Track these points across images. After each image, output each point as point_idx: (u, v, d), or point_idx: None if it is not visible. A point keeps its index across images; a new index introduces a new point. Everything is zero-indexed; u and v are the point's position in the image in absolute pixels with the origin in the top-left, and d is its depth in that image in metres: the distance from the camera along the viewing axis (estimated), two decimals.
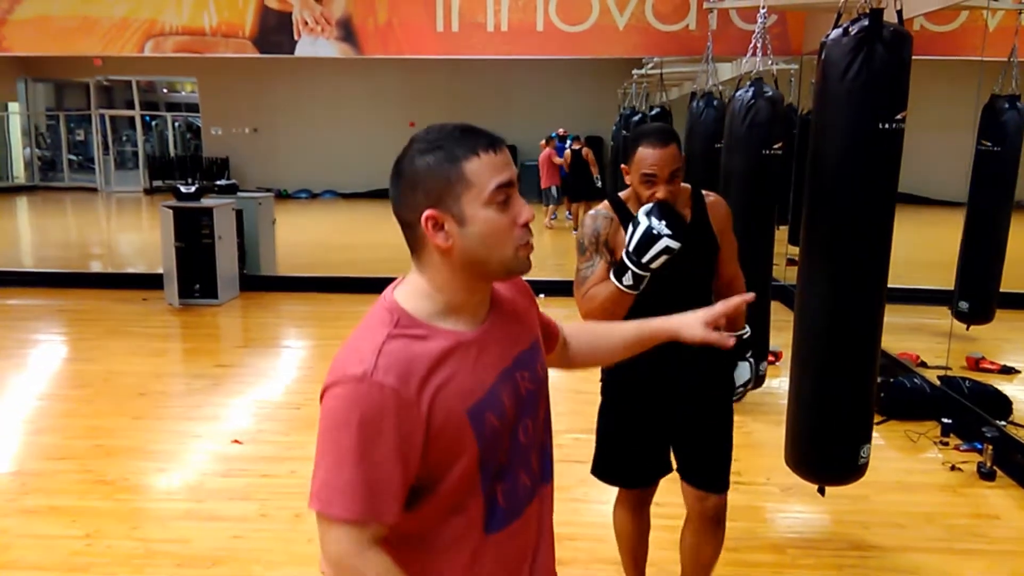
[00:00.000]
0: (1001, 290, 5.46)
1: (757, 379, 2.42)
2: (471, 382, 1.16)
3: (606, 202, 2.32)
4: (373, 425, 1.09)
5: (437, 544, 1.20)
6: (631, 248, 2.05)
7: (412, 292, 1.19)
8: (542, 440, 1.32)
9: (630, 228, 2.07)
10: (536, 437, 1.29)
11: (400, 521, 1.14)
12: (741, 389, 2.42)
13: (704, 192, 2.35)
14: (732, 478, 2.40)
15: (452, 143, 1.14)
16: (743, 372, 2.39)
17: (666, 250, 2.01)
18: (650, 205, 2.08)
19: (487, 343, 1.21)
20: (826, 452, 2.73)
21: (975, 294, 5.43)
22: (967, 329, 5.49)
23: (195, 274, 7.04)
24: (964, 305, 5.44)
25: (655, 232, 2.00)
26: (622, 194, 2.32)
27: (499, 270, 1.18)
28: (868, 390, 2.70)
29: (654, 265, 2.04)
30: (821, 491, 2.82)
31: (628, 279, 2.07)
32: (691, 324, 1.51)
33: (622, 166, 2.25)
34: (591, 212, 2.31)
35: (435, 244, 1.14)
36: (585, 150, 12.26)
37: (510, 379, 1.23)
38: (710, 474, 2.37)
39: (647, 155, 2.15)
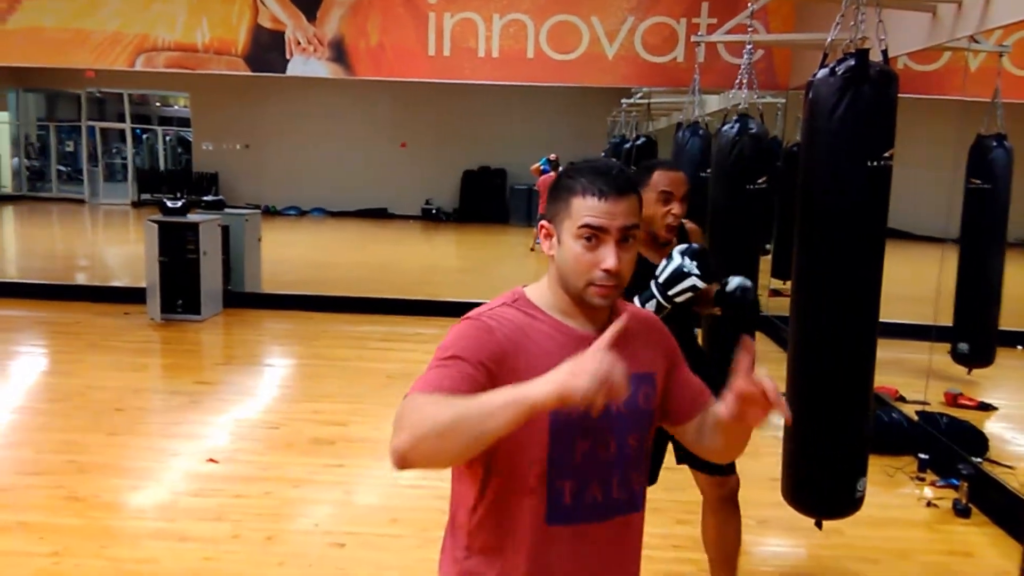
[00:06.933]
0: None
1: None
2: None
3: None
4: (467, 340, 1.28)
5: (506, 517, 1.32)
6: (661, 280, 2.25)
7: (539, 284, 1.40)
8: (627, 469, 1.37)
9: (663, 261, 2.29)
10: (620, 461, 1.35)
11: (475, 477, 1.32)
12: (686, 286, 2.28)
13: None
14: None
15: (579, 177, 1.31)
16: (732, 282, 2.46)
17: (692, 288, 2.24)
18: (685, 246, 2.29)
19: None
20: (823, 486, 2.73)
21: (974, 335, 5.28)
22: (968, 373, 5.36)
23: (178, 289, 7.00)
24: (964, 347, 5.28)
25: (685, 271, 2.22)
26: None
27: (573, 294, 1.33)
28: (863, 423, 2.71)
29: (678, 300, 2.26)
30: (819, 525, 2.81)
31: (651, 307, 2.24)
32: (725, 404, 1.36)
33: None
34: None
35: (544, 248, 1.37)
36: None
37: None
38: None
39: (663, 177, 2.40)
